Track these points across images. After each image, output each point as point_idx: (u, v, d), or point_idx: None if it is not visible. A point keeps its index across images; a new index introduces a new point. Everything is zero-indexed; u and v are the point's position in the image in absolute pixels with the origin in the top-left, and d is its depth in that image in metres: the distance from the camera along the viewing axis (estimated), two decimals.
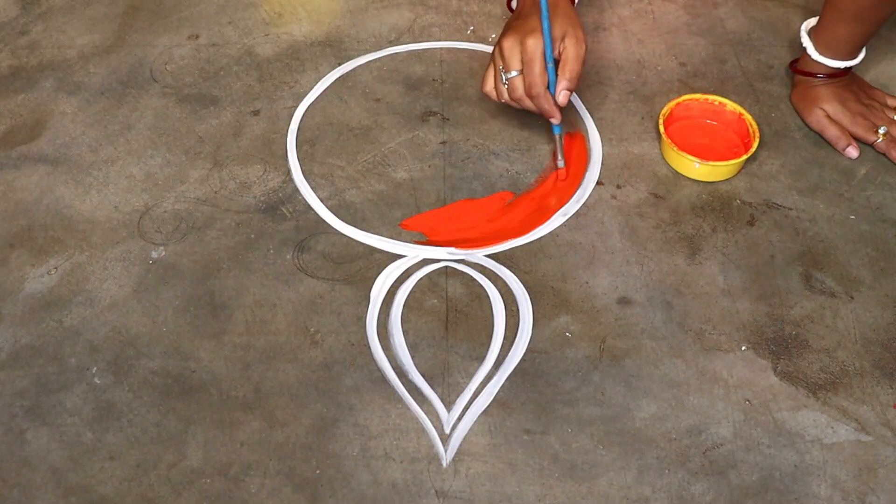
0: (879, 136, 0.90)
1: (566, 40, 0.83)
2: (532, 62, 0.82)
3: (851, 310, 0.79)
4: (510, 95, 0.85)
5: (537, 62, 0.82)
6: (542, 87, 0.83)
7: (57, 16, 1.09)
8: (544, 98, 0.84)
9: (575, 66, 0.83)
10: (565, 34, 0.83)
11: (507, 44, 0.84)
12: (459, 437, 0.72)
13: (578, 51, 0.83)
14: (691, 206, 0.87)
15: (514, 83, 0.84)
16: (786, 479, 0.69)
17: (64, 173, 0.91)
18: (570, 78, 0.84)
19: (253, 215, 0.87)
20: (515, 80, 0.84)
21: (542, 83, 0.83)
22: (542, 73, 0.83)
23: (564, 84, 0.84)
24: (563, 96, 0.84)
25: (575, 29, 0.84)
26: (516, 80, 0.84)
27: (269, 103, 0.97)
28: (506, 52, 0.84)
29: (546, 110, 0.85)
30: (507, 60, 0.84)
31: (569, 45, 0.83)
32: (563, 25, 0.84)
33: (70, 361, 0.76)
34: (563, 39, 0.83)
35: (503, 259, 0.83)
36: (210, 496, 0.69)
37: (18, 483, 0.70)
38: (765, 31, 1.05)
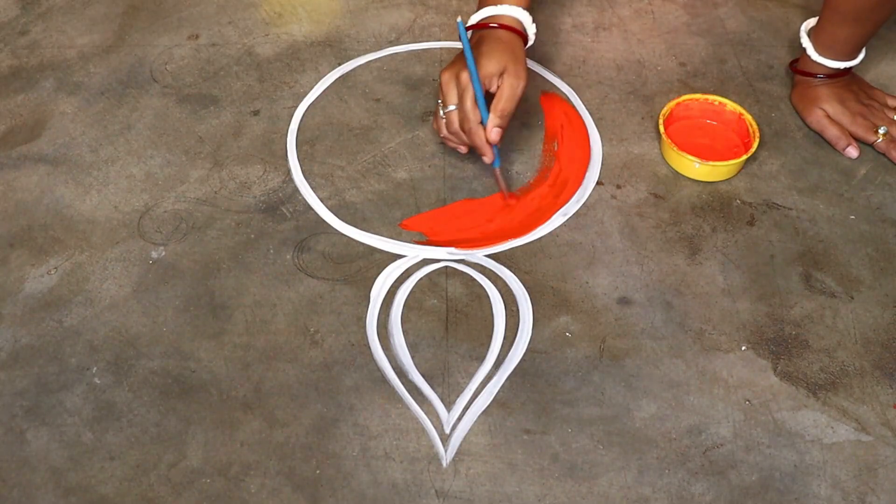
0: (879, 136, 0.90)
1: (504, 76, 0.82)
2: (464, 97, 0.81)
3: (851, 310, 0.79)
4: (447, 129, 0.84)
5: (468, 97, 0.81)
6: (473, 123, 0.81)
7: (57, 16, 1.09)
8: (475, 134, 0.82)
9: (507, 105, 0.82)
10: (504, 70, 0.82)
11: (444, 78, 0.83)
12: (459, 437, 0.72)
13: (514, 89, 0.82)
14: (691, 206, 0.87)
15: (449, 117, 0.83)
16: (786, 479, 0.69)
17: (64, 173, 0.91)
18: (500, 116, 0.82)
19: (253, 215, 0.87)
20: (451, 115, 0.83)
21: (474, 119, 0.81)
22: (472, 109, 0.81)
23: (495, 122, 0.82)
24: (494, 133, 0.82)
25: (515, 65, 0.82)
26: (451, 114, 0.83)
27: (269, 103, 0.97)
28: (443, 86, 0.83)
29: (477, 146, 0.83)
30: (444, 94, 0.83)
31: (504, 82, 0.82)
32: (502, 61, 0.82)
33: (70, 361, 0.76)
34: (501, 76, 0.82)
35: (503, 259, 0.83)
36: (210, 496, 0.69)
37: (18, 483, 0.70)
38: (765, 31, 1.05)
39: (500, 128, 0.82)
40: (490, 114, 0.82)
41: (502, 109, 0.82)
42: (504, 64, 0.82)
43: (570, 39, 1.04)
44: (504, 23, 0.85)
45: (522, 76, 0.83)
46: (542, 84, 0.99)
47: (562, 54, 1.02)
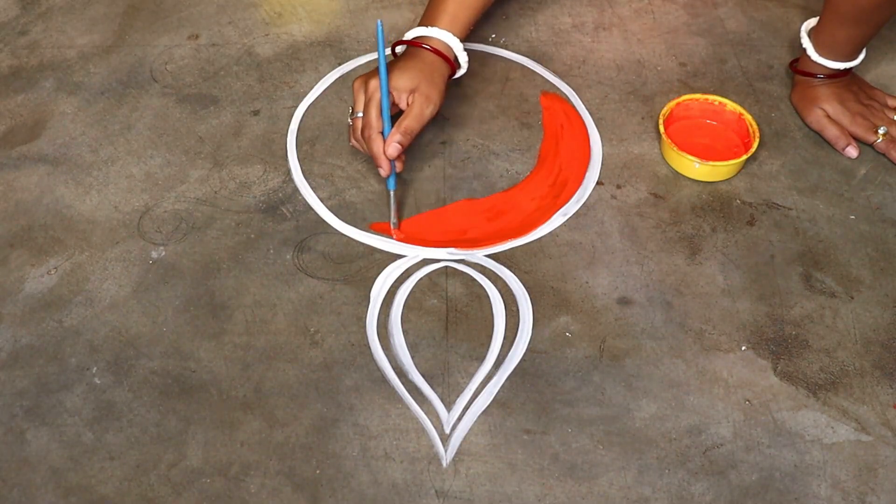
0: (879, 136, 0.90)
1: (415, 95, 0.81)
2: (369, 104, 0.81)
3: (851, 310, 0.79)
4: (352, 135, 0.84)
5: (374, 105, 0.80)
6: (373, 131, 0.80)
7: (57, 16, 1.09)
8: (373, 142, 0.81)
9: (412, 124, 0.81)
10: (416, 89, 0.82)
11: (356, 84, 0.83)
12: (459, 437, 0.72)
13: (423, 110, 0.81)
14: (691, 206, 0.87)
15: (355, 123, 0.83)
16: (786, 479, 0.69)
17: (64, 173, 0.91)
18: (403, 133, 0.80)
19: (253, 215, 0.87)
20: (356, 121, 0.82)
21: (375, 127, 0.80)
22: (377, 118, 0.80)
23: (396, 137, 0.80)
24: (393, 148, 0.80)
25: (428, 87, 0.82)
26: (357, 120, 0.82)
27: (269, 103, 0.97)
28: (354, 92, 0.83)
29: (375, 155, 0.81)
30: (354, 100, 0.83)
31: (415, 102, 0.81)
32: (415, 80, 0.82)
33: (70, 361, 0.76)
34: (412, 93, 0.82)
35: (503, 259, 0.83)
36: (210, 496, 0.69)
37: (18, 483, 0.70)
38: (765, 31, 1.05)
39: (399, 144, 0.80)
40: (394, 128, 0.81)
41: (406, 126, 0.81)
42: (417, 83, 0.82)
43: (570, 39, 1.04)
44: (433, 45, 0.85)
45: (434, 100, 0.82)
46: (543, 84, 0.99)
47: (562, 54, 1.02)
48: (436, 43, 0.86)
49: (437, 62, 0.85)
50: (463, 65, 0.88)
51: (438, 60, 0.85)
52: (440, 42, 0.86)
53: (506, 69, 1.00)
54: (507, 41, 1.04)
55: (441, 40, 0.86)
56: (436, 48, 0.85)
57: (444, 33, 0.86)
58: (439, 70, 0.85)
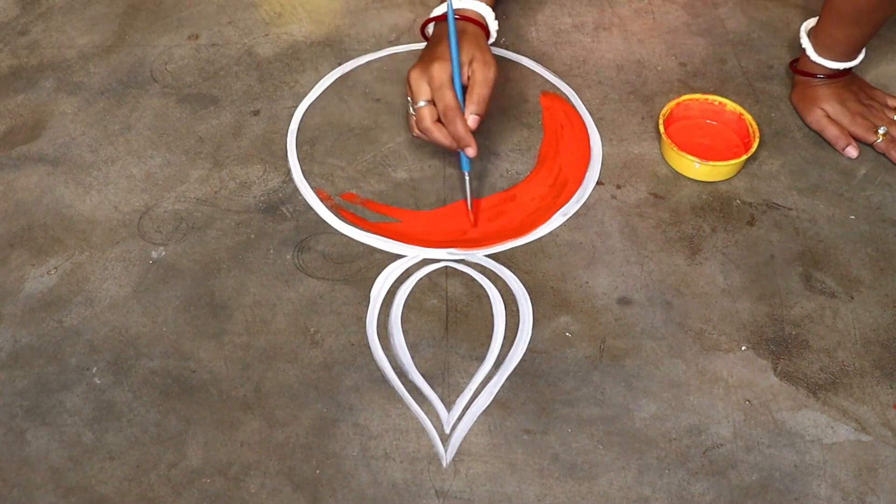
0: (879, 136, 0.90)
1: (473, 65, 0.81)
2: (442, 87, 0.79)
3: (851, 310, 0.79)
4: (418, 126, 0.82)
5: (447, 87, 0.79)
6: (456, 111, 0.79)
7: (57, 16, 1.09)
8: (460, 123, 0.79)
9: (483, 91, 0.80)
10: (472, 59, 0.81)
11: (414, 74, 0.81)
12: (459, 437, 0.72)
13: (487, 74, 0.81)
14: (691, 206, 0.87)
15: (421, 113, 0.80)
16: (786, 479, 0.69)
17: (64, 173, 0.91)
18: (477, 102, 0.80)
19: (253, 215, 0.87)
20: (423, 110, 0.80)
21: (456, 106, 0.79)
22: (454, 97, 0.79)
23: (473, 108, 0.80)
24: (473, 120, 0.80)
25: (483, 53, 0.82)
26: (424, 109, 0.80)
27: (269, 103, 0.97)
28: (413, 83, 0.81)
29: (461, 136, 0.79)
30: (415, 90, 0.80)
31: (476, 70, 0.81)
32: (469, 50, 0.82)
33: (70, 361, 0.76)
34: (471, 64, 0.81)
35: (503, 259, 0.83)
36: (210, 496, 0.69)
37: (18, 483, 0.70)
38: (765, 31, 1.05)
39: (478, 115, 0.80)
40: (467, 102, 0.81)
41: (479, 94, 0.80)
42: (472, 53, 0.82)
43: (570, 39, 1.04)
44: (467, 15, 0.86)
45: (492, 63, 0.82)
46: (543, 84, 0.99)
47: (562, 54, 1.02)
48: (470, 13, 0.87)
49: (476, 31, 0.86)
50: (494, 33, 0.89)
51: (477, 29, 0.86)
52: (474, 12, 0.87)
53: (506, 69, 1.00)
54: (507, 41, 1.04)
55: (475, 10, 0.87)
56: (470, 17, 0.86)
57: (478, 3, 0.87)
58: (482, 37, 0.86)
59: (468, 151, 0.81)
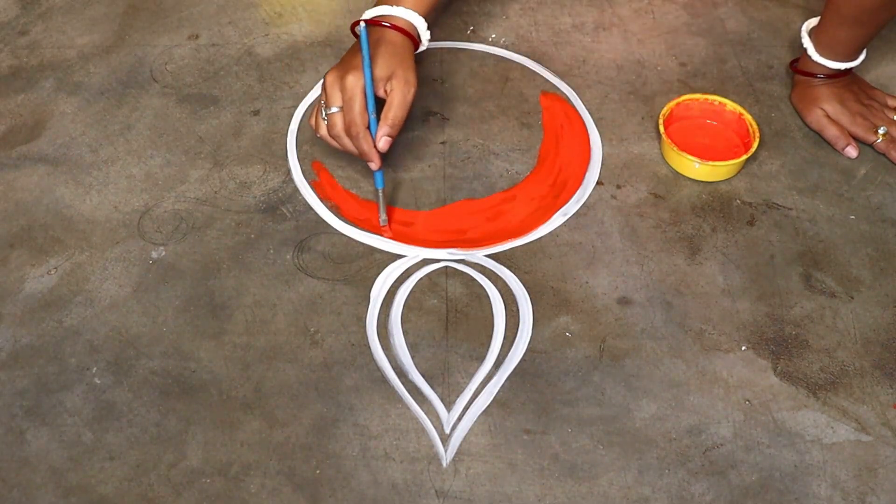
0: (879, 136, 0.90)
1: (393, 82, 0.80)
2: (351, 101, 0.79)
3: (851, 310, 0.79)
4: (329, 131, 0.82)
5: (356, 101, 0.78)
6: (360, 128, 0.79)
7: (57, 16, 1.09)
8: (363, 139, 0.79)
9: (399, 113, 0.79)
10: (392, 75, 0.80)
11: (329, 78, 0.80)
12: (459, 437, 0.72)
13: (405, 95, 0.79)
14: (691, 206, 0.87)
15: (333, 119, 0.80)
16: (786, 479, 0.69)
17: (64, 173, 0.91)
18: (391, 125, 0.79)
19: (253, 215, 0.87)
20: (334, 117, 0.80)
21: (362, 123, 0.79)
22: (361, 113, 0.79)
23: (385, 130, 0.79)
24: (384, 142, 0.80)
25: (405, 71, 0.80)
26: (335, 116, 0.80)
27: (269, 103, 0.97)
28: (327, 88, 0.80)
29: (364, 152, 0.80)
30: (328, 96, 0.80)
31: (395, 89, 0.79)
32: (391, 66, 0.80)
33: (70, 361, 0.76)
34: (390, 80, 0.80)
35: (503, 259, 0.83)
36: (210, 496, 0.69)
37: (18, 483, 0.70)
38: (765, 31, 1.05)
39: (389, 136, 0.80)
40: (381, 122, 0.80)
41: (393, 118, 0.79)
42: (393, 69, 0.80)
43: (570, 39, 1.04)
44: (397, 24, 0.83)
45: (412, 82, 0.80)
46: (543, 84, 0.99)
47: (562, 54, 1.02)
48: (400, 22, 0.84)
49: (404, 43, 0.83)
50: (425, 41, 0.87)
51: (405, 40, 0.83)
52: (405, 21, 0.84)
53: (506, 69, 1.00)
54: (507, 41, 1.04)
55: (406, 19, 0.84)
56: (400, 27, 0.83)
57: (410, 12, 0.84)
58: (409, 49, 0.83)
59: (371, 165, 0.81)
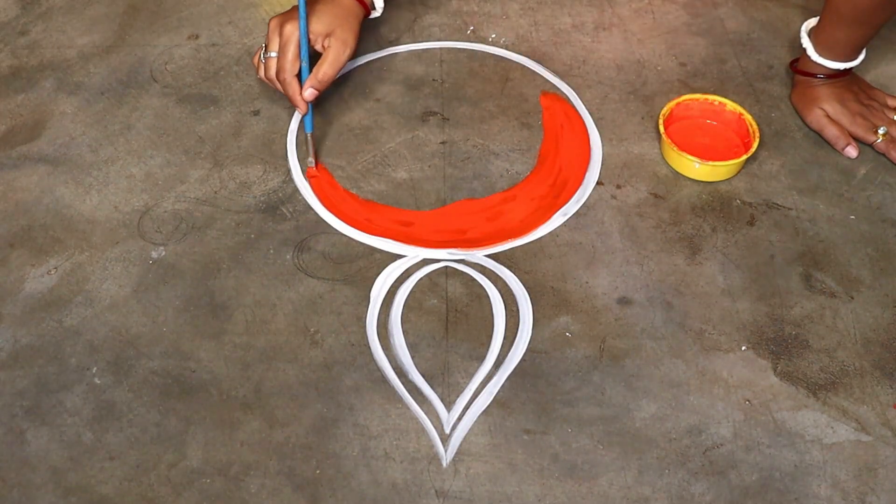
0: (879, 136, 0.90)
1: (331, 39, 0.84)
2: (285, 47, 0.83)
3: (851, 310, 0.79)
4: (265, 73, 0.87)
5: (291, 49, 0.83)
6: (289, 75, 0.84)
7: (57, 16, 1.09)
8: (290, 86, 0.84)
9: (329, 70, 0.84)
10: (331, 33, 0.84)
11: (272, 23, 0.85)
12: (459, 437, 0.72)
13: (339, 54, 0.84)
14: (691, 206, 0.87)
15: (268, 63, 0.86)
16: (786, 479, 0.69)
17: (64, 173, 0.91)
18: (320, 79, 0.84)
19: (253, 215, 0.87)
20: (269, 61, 0.86)
21: (291, 71, 0.84)
22: (293, 62, 0.83)
23: (312, 82, 0.84)
24: (309, 93, 0.84)
25: (343, 31, 0.84)
26: (270, 60, 0.86)
27: (269, 103, 0.97)
28: (269, 32, 0.85)
29: (290, 97, 0.85)
30: (268, 40, 0.85)
31: (331, 46, 0.84)
32: (332, 24, 0.84)
33: (70, 361, 0.76)
34: (329, 37, 0.84)
35: (503, 259, 0.83)
36: (210, 496, 0.69)
37: (18, 483, 0.70)
38: (765, 31, 1.05)
39: (315, 90, 0.84)
40: (311, 75, 0.84)
41: (323, 73, 0.84)
42: (333, 27, 0.84)
43: (570, 39, 1.04)
44: None
45: (350, 43, 0.84)
46: (543, 84, 0.99)
47: (562, 54, 1.02)
48: None
49: (352, 5, 0.87)
50: (378, 9, 0.90)
51: (353, 3, 0.87)
52: None
53: (506, 69, 1.00)
54: (507, 41, 1.04)
55: None
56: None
57: None
58: (354, 13, 0.87)
59: (298, 111, 0.87)
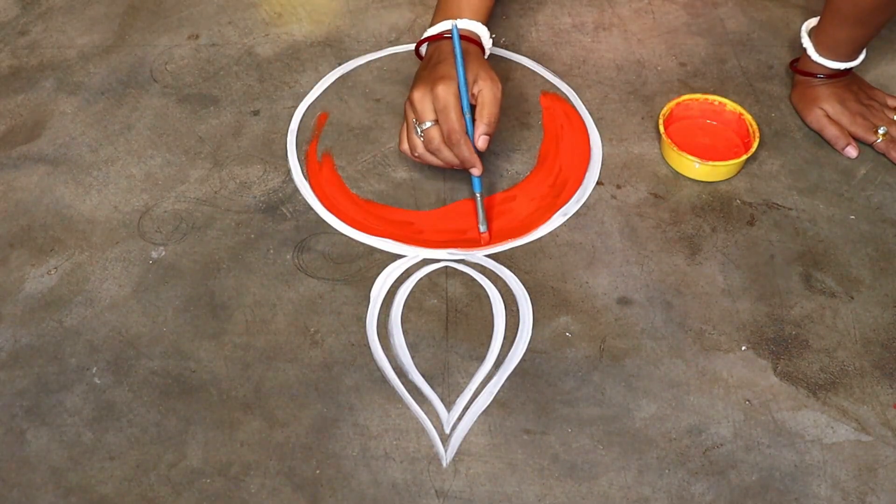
0: (879, 136, 0.90)
1: (480, 83, 0.81)
2: (447, 109, 0.79)
3: (851, 310, 0.79)
4: (426, 147, 0.81)
5: (452, 109, 0.79)
6: (461, 134, 0.79)
7: (57, 16, 1.09)
8: (464, 145, 0.79)
9: (493, 109, 0.80)
10: (477, 77, 0.81)
11: (417, 95, 0.80)
12: (459, 437, 0.72)
13: (495, 93, 0.80)
14: (691, 206, 0.87)
15: (429, 134, 0.80)
16: (786, 479, 0.69)
17: (64, 173, 0.91)
18: (488, 122, 0.80)
19: (253, 215, 0.87)
20: (431, 131, 0.80)
21: (461, 129, 0.79)
22: (459, 119, 0.79)
23: (483, 129, 0.80)
24: (483, 141, 0.80)
25: (487, 71, 0.82)
26: (432, 130, 0.80)
27: (269, 103, 0.97)
28: (416, 104, 0.80)
29: (466, 158, 0.80)
30: (420, 111, 0.80)
31: (484, 89, 0.80)
32: (474, 69, 0.82)
33: (70, 361, 0.76)
34: (477, 82, 0.81)
35: (503, 259, 0.83)
36: (210, 496, 0.69)
37: (18, 483, 0.70)
38: (765, 31, 1.05)
39: (487, 135, 0.80)
40: (477, 122, 0.80)
41: (489, 115, 0.80)
42: (476, 72, 0.81)
43: (570, 39, 1.04)
44: (466, 35, 0.86)
45: (497, 80, 0.81)
46: (543, 84, 0.99)
47: (562, 54, 1.02)
48: (468, 33, 0.87)
49: (477, 50, 0.86)
50: (488, 49, 0.90)
51: (475, 47, 0.86)
52: (469, 31, 0.87)
53: (506, 69, 1.00)
54: (507, 41, 1.04)
55: (470, 29, 0.87)
56: (467, 36, 0.86)
57: (473, 23, 0.87)
58: (480, 53, 0.87)
59: (474, 171, 0.82)
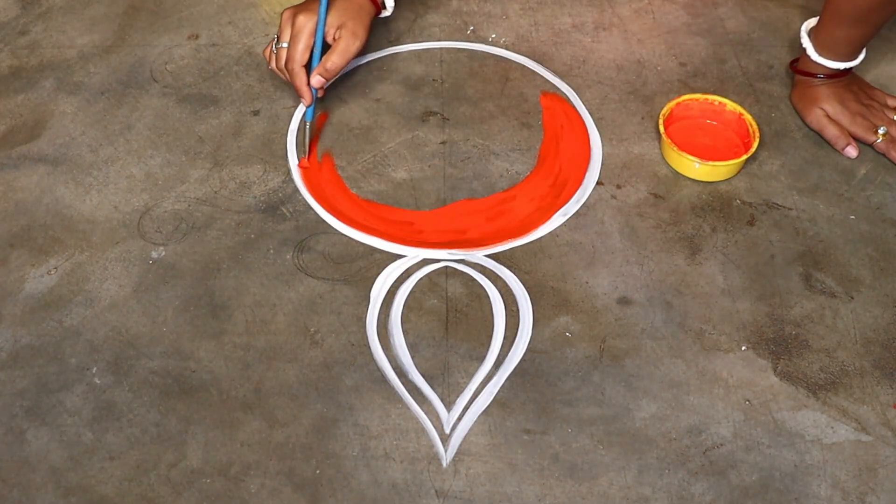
0: (879, 136, 0.90)
1: (341, 30, 0.87)
2: (297, 38, 0.86)
3: (851, 310, 0.79)
4: (275, 64, 0.90)
5: (301, 40, 0.86)
6: (297, 64, 0.87)
7: (57, 16, 1.09)
8: (297, 75, 0.87)
9: (338, 60, 0.87)
10: (342, 25, 0.87)
11: (285, 15, 0.89)
12: (459, 437, 0.72)
13: (348, 45, 0.87)
14: (691, 206, 0.87)
15: (279, 53, 0.89)
16: (786, 479, 0.69)
17: (64, 173, 0.91)
18: (328, 67, 0.87)
19: (253, 215, 0.87)
20: (281, 52, 0.89)
21: (300, 60, 0.87)
22: (303, 51, 0.87)
23: (320, 69, 0.87)
24: (316, 80, 0.87)
25: (355, 24, 0.87)
26: (282, 51, 0.89)
27: (269, 103, 0.97)
28: (282, 23, 0.89)
29: (297, 87, 0.88)
30: (280, 30, 0.89)
31: (342, 37, 0.87)
32: (343, 17, 0.87)
33: (70, 361, 0.76)
34: (339, 29, 0.87)
35: (503, 259, 0.83)
36: (210, 496, 0.69)
37: (18, 483, 0.70)
38: (765, 31, 1.05)
39: (322, 77, 0.87)
40: (319, 63, 0.87)
41: (332, 63, 0.87)
42: (344, 20, 0.87)
43: (570, 39, 1.04)
44: None
45: (360, 36, 0.88)
46: (543, 84, 0.99)
47: (562, 54, 1.02)
48: None
49: (364, 2, 0.90)
50: (389, 8, 0.94)
51: (365, 1, 0.90)
52: None
53: (506, 69, 1.00)
54: (507, 41, 1.04)
55: None
56: None
57: None
58: (365, 9, 0.90)
59: (303, 102, 0.89)
